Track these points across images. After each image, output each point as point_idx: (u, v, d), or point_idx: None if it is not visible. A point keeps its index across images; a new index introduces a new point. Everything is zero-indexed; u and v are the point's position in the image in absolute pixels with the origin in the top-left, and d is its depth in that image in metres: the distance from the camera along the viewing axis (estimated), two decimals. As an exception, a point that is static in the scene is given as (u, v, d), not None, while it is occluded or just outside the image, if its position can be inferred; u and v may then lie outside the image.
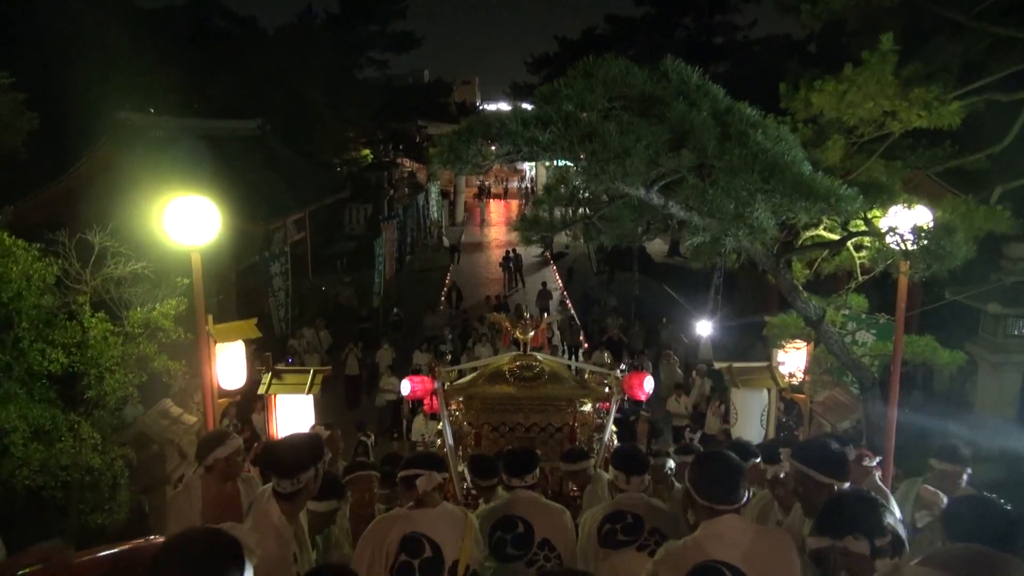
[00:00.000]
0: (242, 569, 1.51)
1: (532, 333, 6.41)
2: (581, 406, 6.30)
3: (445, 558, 2.98)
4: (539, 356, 6.35)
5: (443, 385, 5.91)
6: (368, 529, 3.14)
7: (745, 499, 2.65)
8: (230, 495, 3.80)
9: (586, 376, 6.61)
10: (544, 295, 19.98)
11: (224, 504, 3.69)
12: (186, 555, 1.50)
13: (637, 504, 3.44)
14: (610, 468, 3.88)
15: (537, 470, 3.73)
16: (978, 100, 8.01)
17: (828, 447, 3.07)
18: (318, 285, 20.45)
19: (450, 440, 5.88)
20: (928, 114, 7.23)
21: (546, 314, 12.45)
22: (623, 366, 6.77)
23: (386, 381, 12.65)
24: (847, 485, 2.95)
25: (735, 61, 29.01)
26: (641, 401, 7.26)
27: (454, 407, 6.28)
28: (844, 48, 12.03)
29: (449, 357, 12.31)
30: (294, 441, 3.12)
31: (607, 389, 6.23)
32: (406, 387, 5.90)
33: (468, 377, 6.45)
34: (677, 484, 4.73)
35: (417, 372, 8.83)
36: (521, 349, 6.42)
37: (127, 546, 4.61)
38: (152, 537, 4.46)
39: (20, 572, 2.84)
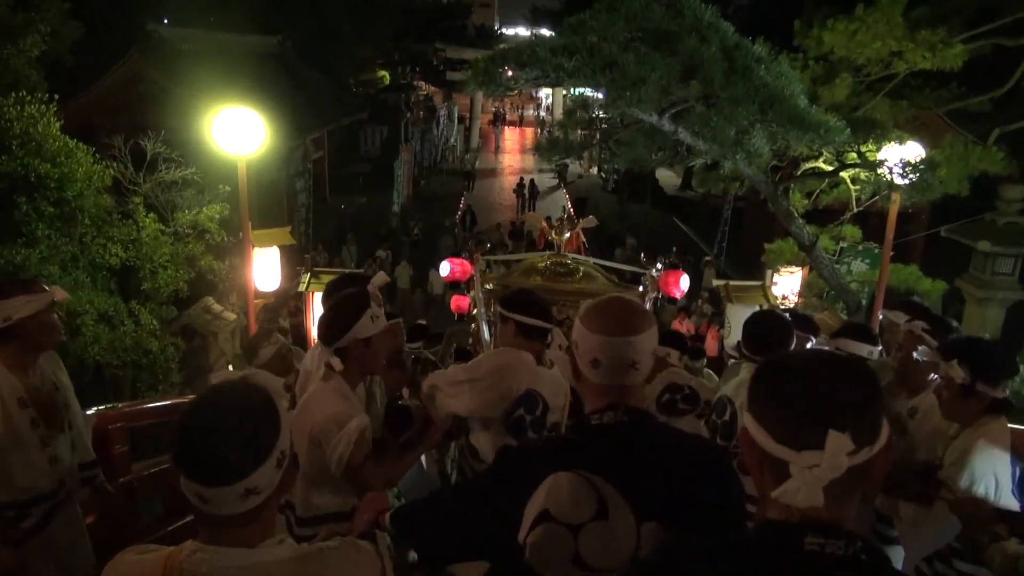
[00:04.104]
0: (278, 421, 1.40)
1: (567, 236, 6.52)
2: None
3: (548, 419, 2.86)
4: (571, 256, 6.47)
5: (480, 270, 6.17)
6: (499, 357, 2.89)
7: None
8: None
9: (616, 279, 6.82)
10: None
11: None
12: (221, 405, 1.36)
13: (689, 380, 3.65)
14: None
15: None
16: (984, 44, 8.31)
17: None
18: (337, 204, 21.00)
19: (486, 335, 5.92)
20: (932, 56, 7.59)
21: (580, 220, 12.46)
22: (659, 265, 6.79)
23: None
24: None
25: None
26: (675, 299, 7.24)
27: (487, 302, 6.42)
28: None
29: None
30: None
31: (640, 288, 6.41)
32: (445, 268, 6.21)
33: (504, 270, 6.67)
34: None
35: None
36: (555, 250, 6.53)
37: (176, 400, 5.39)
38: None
39: None
